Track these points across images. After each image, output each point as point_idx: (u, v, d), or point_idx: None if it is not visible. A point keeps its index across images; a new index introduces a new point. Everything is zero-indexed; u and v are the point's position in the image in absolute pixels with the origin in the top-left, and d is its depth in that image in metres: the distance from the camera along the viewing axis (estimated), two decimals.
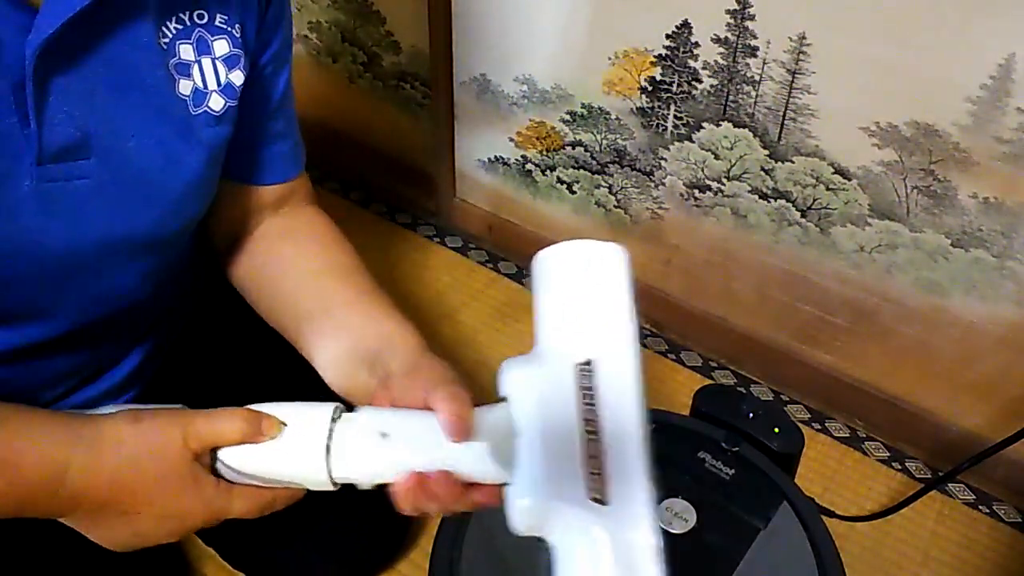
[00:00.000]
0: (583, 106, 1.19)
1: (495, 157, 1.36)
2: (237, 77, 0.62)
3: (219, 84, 0.60)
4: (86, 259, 0.59)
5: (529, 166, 1.32)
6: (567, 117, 1.21)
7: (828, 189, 1.02)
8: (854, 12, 0.89)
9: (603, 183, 1.25)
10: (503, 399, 0.53)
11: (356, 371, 0.63)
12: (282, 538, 0.82)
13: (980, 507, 1.09)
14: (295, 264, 0.72)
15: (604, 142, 1.20)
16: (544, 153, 1.29)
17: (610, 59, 1.11)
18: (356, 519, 0.85)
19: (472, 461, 0.51)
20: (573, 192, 1.29)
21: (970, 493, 1.10)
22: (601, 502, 0.49)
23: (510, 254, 1.44)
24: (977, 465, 0.94)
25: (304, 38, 1.48)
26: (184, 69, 0.58)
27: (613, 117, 1.16)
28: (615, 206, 1.25)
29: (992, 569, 1.02)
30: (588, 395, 0.51)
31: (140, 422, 0.51)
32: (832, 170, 1.00)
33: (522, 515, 0.49)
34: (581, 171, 1.26)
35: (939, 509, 1.08)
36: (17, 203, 0.52)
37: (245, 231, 0.75)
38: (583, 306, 0.53)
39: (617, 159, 1.21)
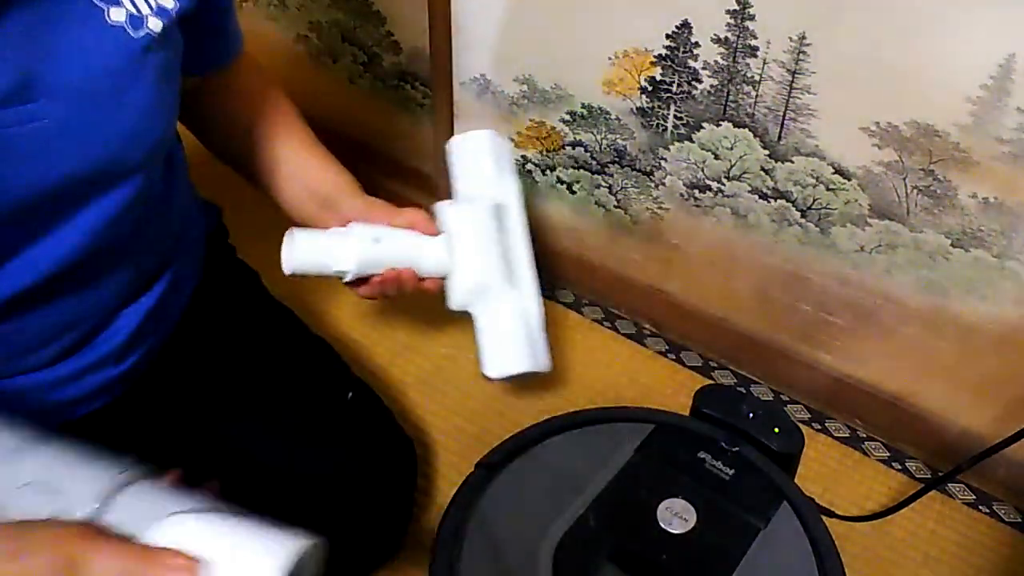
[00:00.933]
0: (583, 106, 1.19)
1: None
2: (168, 1, 0.63)
3: (151, 8, 0.62)
4: (54, 198, 0.59)
5: (529, 166, 1.32)
6: (567, 117, 1.21)
7: (828, 189, 1.02)
8: (854, 12, 0.89)
9: (603, 183, 1.25)
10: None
11: (313, 209, 0.85)
12: None
13: (980, 507, 1.09)
14: (243, 121, 0.86)
15: (604, 142, 1.20)
16: (544, 153, 1.29)
17: (610, 59, 1.11)
18: (356, 519, 0.86)
19: (435, 257, 0.83)
20: (573, 192, 1.29)
21: (970, 493, 1.10)
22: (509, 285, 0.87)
23: None
24: (977, 465, 0.94)
25: (304, 38, 1.48)
26: None
27: (613, 117, 1.16)
28: (615, 206, 1.25)
29: (992, 569, 1.02)
30: (497, 220, 0.88)
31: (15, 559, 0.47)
32: (832, 170, 1.00)
33: (464, 293, 0.85)
34: (581, 171, 1.26)
35: (939, 509, 1.08)
36: None
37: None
38: (485, 171, 0.93)
39: (617, 159, 1.21)
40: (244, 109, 0.86)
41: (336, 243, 0.79)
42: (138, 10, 0.61)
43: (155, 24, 0.62)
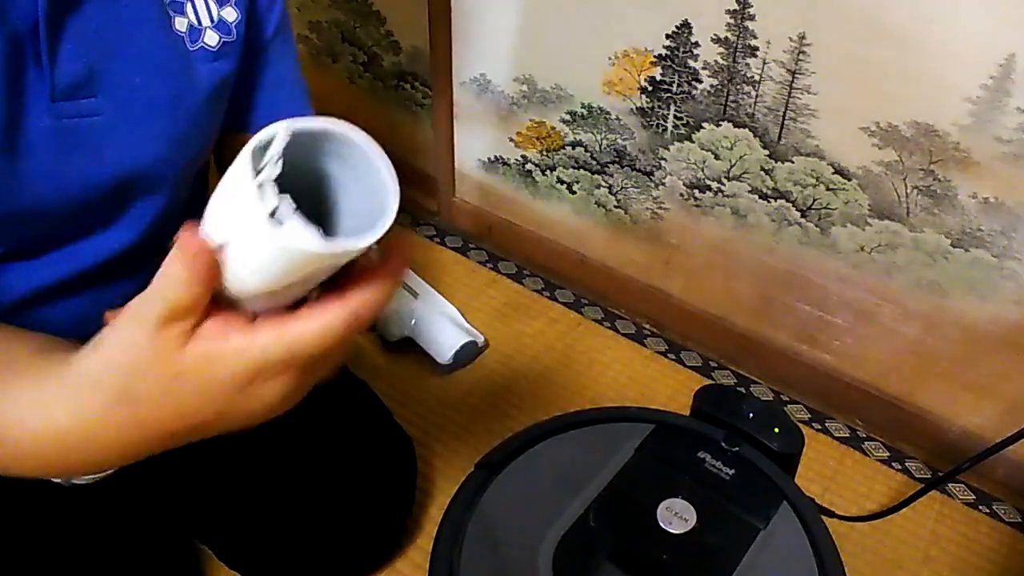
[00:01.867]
0: (583, 106, 1.19)
1: (495, 157, 1.36)
2: (229, 13, 0.64)
3: (212, 20, 0.63)
4: (101, 194, 0.61)
5: (529, 166, 1.32)
6: (567, 117, 1.21)
7: (828, 189, 1.02)
8: (854, 12, 0.89)
9: (603, 183, 1.25)
10: None
11: None
12: (280, 538, 0.83)
13: (980, 507, 1.09)
14: None
15: (604, 142, 1.20)
16: (544, 153, 1.29)
17: (610, 59, 1.11)
18: (356, 519, 0.86)
19: None
20: (573, 192, 1.29)
21: (970, 493, 1.10)
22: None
23: (510, 254, 1.44)
24: (977, 465, 0.94)
25: (304, 38, 1.48)
26: (178, 7, 0.61)
27: (613, 117, 1.16)
28: (615, 206, 1.25)
29: (992, 569, 1.02)
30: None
31: (100, 346, 0.41)
32: (832, 170, 1.00)
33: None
34: (581, 171, 1.26)
35: (939, 509, 1.08)
36: (38, 140, 0.54)
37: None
38: None
39: (617, 159, 1.21)
40: None
41: None
42: (199, 21, 0.62)
43: (211, 38, 0.63)
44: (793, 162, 1.03)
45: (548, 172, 1.30)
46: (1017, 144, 0.86)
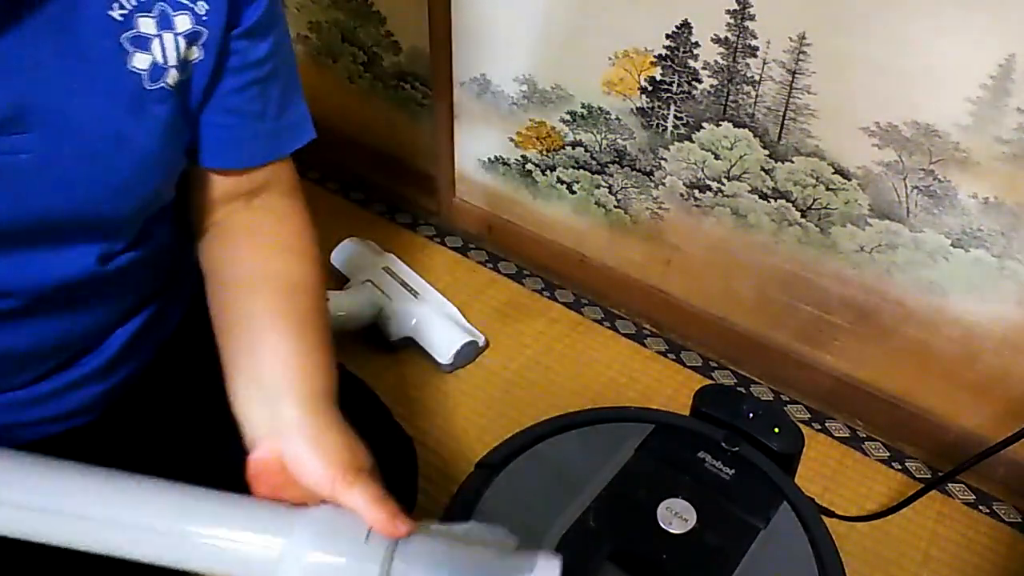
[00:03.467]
0: (583, 106, 1.19)
1: (495, 157, 1.36)
2: (193, 53, 0.60)
3: (178, 59, 0.59)
4: (30, 235, 0.57)
5: (529, 166, 1.32)
6: (567, 117, 1.21)
7: (828, 189, 1.02)
8: (854, 12, 0.89)
9: (603, 183, 1.25)
10: None
11: (257, 406, 0.61)
12: None
13: (980, 507, 1.09)
14: (243, 268, 0.68)
15: (604, 142, 1.20)
16: (544, 153, 1.29)
17: (610, 59, 1.11)
18: None
19: None
20: (573, 192, 1.29)
21: (970, 493, 1.10)
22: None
23: (510, 254, 1.44)
24: (977, 465, 0.94)
25: (304, 38, 1.48)
26: (142, 43, 0.57)
27: (613, 117, 1.16)
28: (615, 206, 1.25)
29: (992, 569, 1.02)
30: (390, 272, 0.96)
31: None
32: (832, 170, 1.00)
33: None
34: (581, 171, 1.26)
35: (939, 509, 1.08)
36: None
37: (214, 220, 0.72)
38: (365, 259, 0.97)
39: (617, 159, 1.21)
40: (233, 260, 0.70)
41: None
42: (164, 60, 0.58)
43: (173, 77, 0.59)
44: (793, 162, 1.03)
45: (548, 172, 1.30)
46: (1017, 144, 0.86)
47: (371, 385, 1.00)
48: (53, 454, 0.57)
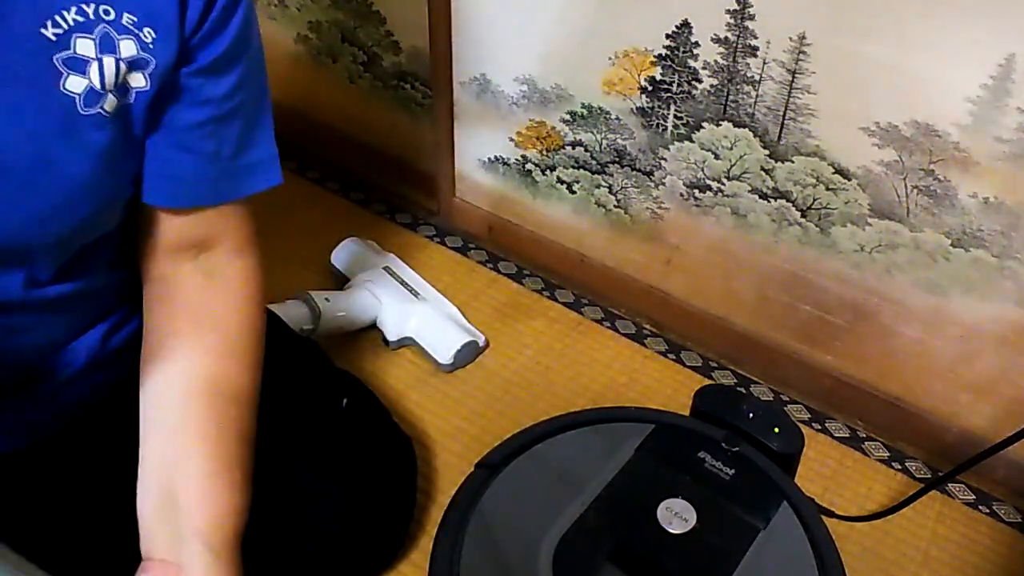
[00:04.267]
0: (583, 106, 1.19)
1: (495, 157, 1.36)
2: (137, 80, 0.56)
3: (115, 84, 0.55)
4: None
5: (529, 166, 1.32)
6: (567, 117, 1.21)
7: (828, 189, 1.02)
8: (854, 12, 0.89)
9: (603, 183, 1.25)
10: None
11: (164, 525, 0.61)
12: (280, 540, 0.82)
13: (980, 507, 1.09)
14: (180, 363, 0.64)
15: (604, 142, 1.20)
16: (544, 153, 1.29)
17: (610, 59, 1.11)
18: (356, 520, 0.85)
19: None
20: (573, 192, 1.29)
21: (970, 493, 1.10)
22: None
23: (510, 254, 1.44)
24: (977, 465, 0.94)
25: (304, 38, 1.48)
26: (78, 65, 0.53)
27: (613, 117, 1.16)
28: (615, 206, 1.25)
29: (992, 569, 1.02)
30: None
31: None
32: (832, 170, 1.00)
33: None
34: (581, 171, 1.26)
35: (939, 509, 1.08)
36: None
37: (159, 273, 0.67)
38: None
39: (617, 159, 1.21)
40: (171, 332, 0.66)
41: None
42: (102, 85, 0.54)
43: (111, 103, 0.55)
44: (793, 162, 1.03)
45: (548, 172, 1.30)
46: (1017, 144, 0.86)
47: (371, 385, 1.00)
48: (27, 467, 0.56)
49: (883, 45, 0.89)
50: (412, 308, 1.25)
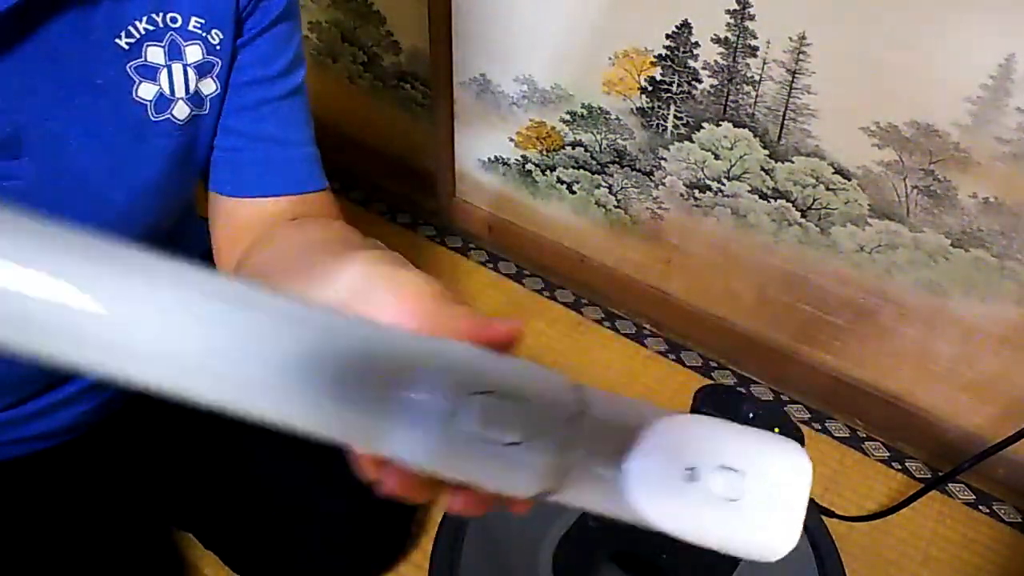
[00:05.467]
0: (583, 106, 1.19)
1: (495, 157, 1.36)
2: (207, 86, 0.58)
3: (187, 92, 0.57)
4: None
5: (529, 166, 1.32)
6: (567, 117, 1.21)
7: (828, 189, 1.02)
8: (854, 12, 0.89)
9: (603, 183, 1.25)
10: None
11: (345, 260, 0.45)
12: (282, 540, 0.82)
13: (980, 507, 1.08)
14: (295, 236, 0.59)
15: (604, 142, 1.20)
16: (544, 153, 1.29)
17: (610, 59, 1.11)
18: (356, 521, 0.86)
19: None
20: (573, 192, 1.29)
21: (970, 493, 1.10)
22: None
23: (510, 254, 1.44)
24: (977, 465, 0.94)
25: (304, 38, 1.48)
26: (149, 72, 0.55)
27: (613, 117, 1.16)
28: (615, 206, 1.25)
29: (992, 569, 1.02)
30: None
31: None
32: (832, 170, 1.00)
33: None
34: (581, 171, 1.26)
35: (939, 509, 1.08)
36: None
37: (241, 249, 0.65)
38: None
39: (617, 159, 1.21)
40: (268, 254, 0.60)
41: None
42: (172, 92, 0.56)
43: (181, 110, 0.57)
44: (793, 162, 1.03)
45: (548, 172, 1.30)
46: (1017, 144, 0.86)
47: None
48: (43, 471, 0.55)
49: (883, 45, 0.89)
50: None
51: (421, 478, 0.33)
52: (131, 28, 0.53)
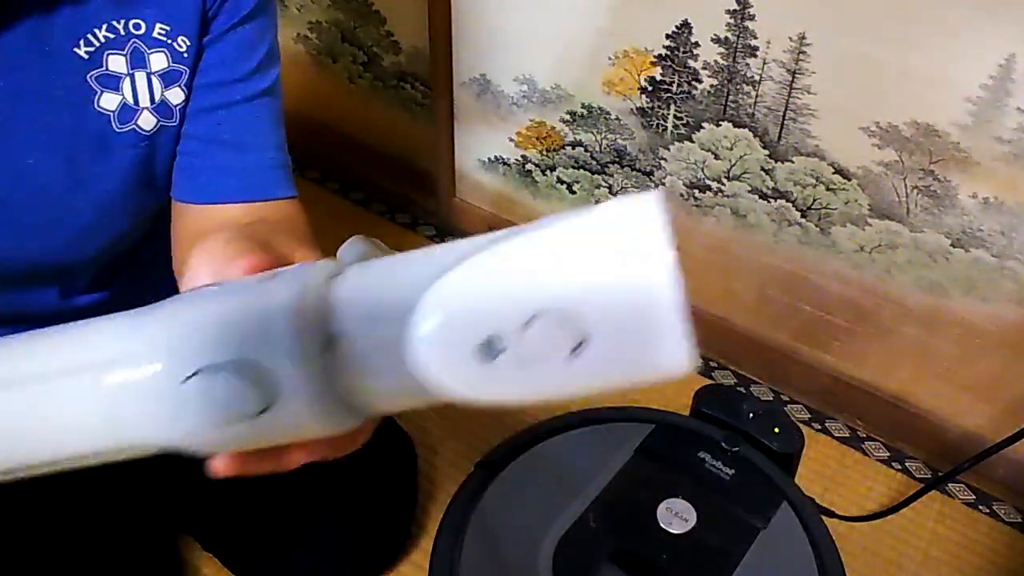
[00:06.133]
0: (583, 106, 1.19)
1: (495, 157, 1.36)
2: (175, 95, 0.56)
3: (152, 101, 0.55)
4: None
5: (529, 166, 1.32)
6: (567, 117, 1.21)
7: (828, 189, 1.02)
8: (854, 12, 0.89)
9: (603, 183, 1.25)
10: None
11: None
12: (282, 541, 0.82)
13: (980, 507, 1.08)
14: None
15: (604, 142, 1.20)
16: (544, 153, 1.29)
17: (610, 59, 1.11)
18: (356, 521, 0.86)
19: None
20: (573, 192, 1.29)
21: (970, 493, 1.10)
22: None
23: None
24: (977, 465, 0.94)
25: (304, 38, 1.48)
26: (111, 82, 0.53)
27: (613, 117, 1.16)
28: None
29: (992, 569, 1.02)
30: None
31: None
32: (832, 170, 1.00)
33: None
34: (581, 171, 1.26)
35: (939, 509, 1.08)
36: None
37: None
38: None
39: (617, 159, 1.21)
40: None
41: None
42: (136, 102, 0.54)
43: (147, 121, 0.55)
44: (793, 162, 1.03)
45: (548, 172, 1.30)
46: (1017, 144, 0.86)
47: None
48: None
49: (883, 45, 0.89)
50: None
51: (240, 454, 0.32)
52: (90, 36, 0.51)
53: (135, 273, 0.68)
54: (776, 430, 0.86)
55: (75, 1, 0.50)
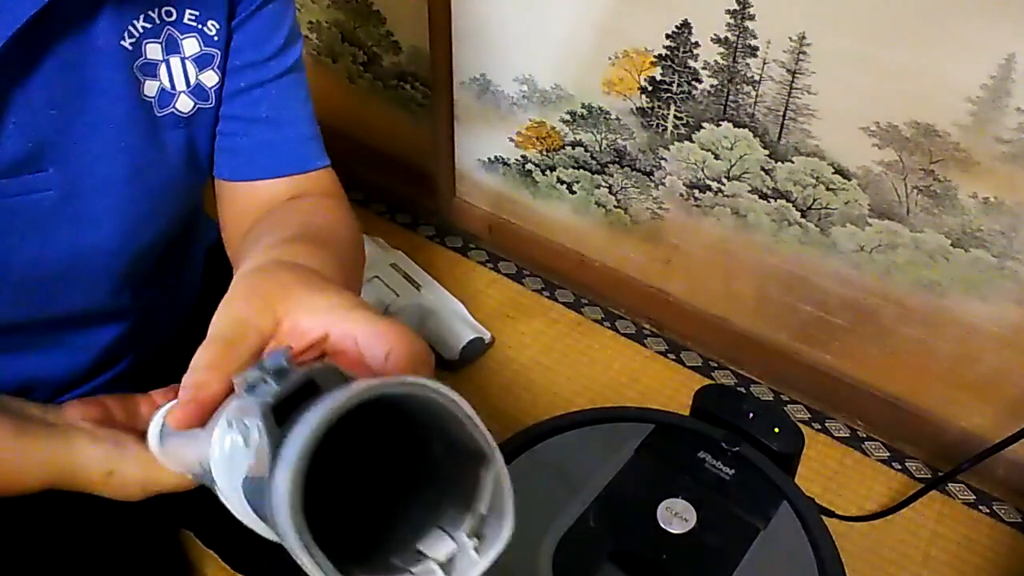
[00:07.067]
0: (583, 106, 1.19)
1: (495, 157, 1.36)
2: (209, 78, 0.58)
3: (188, 85, 0.57)
4: (54, 273, 0.56)
5: (529, 166, 1.32)
6: (567, 117, 1.21)
7: (828, 189, 1.02)
8: (854, 12, 0.89)
9: (603, 183, 1.25)
10: None
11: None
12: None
13: (980, 507, 1.08)
14: (276, 224, 0.58)
15: (604, 142, 1.20)
16: (544, 153, 1.29)
17: (610, 59, 1.11)
18: None
19: None
20: (573, 192, 1.29)
21: (970, 493, 1.10)
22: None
23: (510, 254, 1.44)
24: (977, 465, 0.94)
25: (304, 38, 1.48)
26: (150, 69, 0.55)
27: (613, 117, 1.16)
28: (615, 206, 1.25)
29: (992, 569, 1.02)
30: None
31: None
32: (832, 170, 1.00)
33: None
34: (581, 171, 1.26)
35: (939, 509, 1.08)
36: None
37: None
38: None
39: (617, 159, 1.21)
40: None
41: None
42: (172, 86, 0.56)
43: (184, 104, 0.57)
44: (793, 162, 1.03)
45: (548, 172, 1.30)
46: (1017, 144, 0.86)
47: None
48: None
49: (883, 45, 0.89)
50: (419, 304, 1.25)
51: None
52: (131, 28, 0.54)
53: (155, 281, 0.71)
54: (776, 430, 0.86)
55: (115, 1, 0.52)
